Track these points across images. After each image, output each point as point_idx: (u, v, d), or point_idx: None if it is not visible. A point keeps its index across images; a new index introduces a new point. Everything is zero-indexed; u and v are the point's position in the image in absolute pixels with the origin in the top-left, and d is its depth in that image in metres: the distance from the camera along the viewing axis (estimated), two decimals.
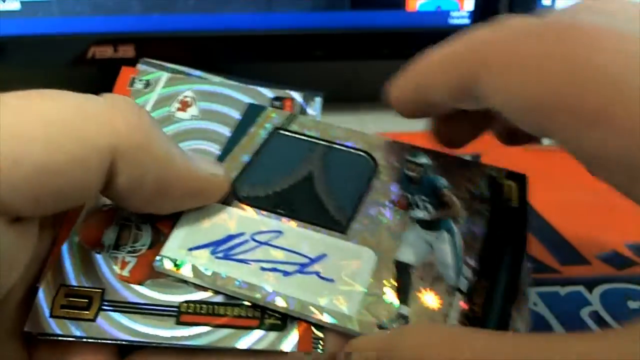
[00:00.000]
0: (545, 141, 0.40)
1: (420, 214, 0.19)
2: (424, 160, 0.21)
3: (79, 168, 0.15)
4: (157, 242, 0.19)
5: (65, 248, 0.18)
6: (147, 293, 0.18)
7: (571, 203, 0.34)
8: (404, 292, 0.18)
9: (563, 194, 0.34)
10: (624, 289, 0.28)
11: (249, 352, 0.17)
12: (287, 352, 0.17)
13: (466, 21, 0.40)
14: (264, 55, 0.41)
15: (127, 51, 0.39)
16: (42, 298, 0.17)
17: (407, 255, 0.18)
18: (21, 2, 0.38)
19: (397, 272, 0.18)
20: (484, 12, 0.40)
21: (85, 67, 0.40)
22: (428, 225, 0.19)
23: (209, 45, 0.40)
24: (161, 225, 0.19)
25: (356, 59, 0.42)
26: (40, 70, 0.41)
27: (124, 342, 0.17)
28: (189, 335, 0.17)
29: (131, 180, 0.17)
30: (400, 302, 0.17)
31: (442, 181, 0.20)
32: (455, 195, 0.20)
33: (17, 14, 0.38)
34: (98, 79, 0.22)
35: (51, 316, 0.17)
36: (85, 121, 0.16)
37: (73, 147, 0.15)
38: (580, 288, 0.28)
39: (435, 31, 0.40)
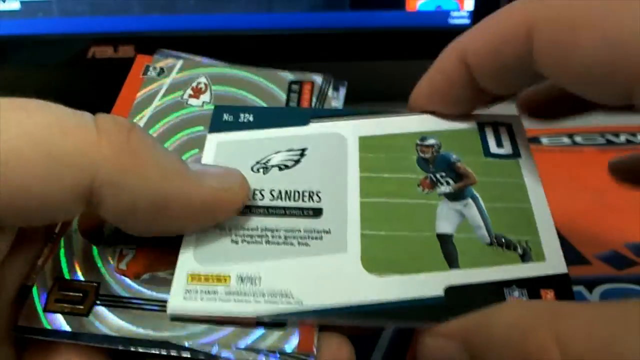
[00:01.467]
0: (545, 140, 0.40)
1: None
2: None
3: (49, 186, 0.14)
4: None
5: (63, 241, 0.19)
6: (143, 289, 0.18)
7: (570, 203, 0.34)
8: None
9: (562, 193, 0.34)
10: (623, 289, 0.28)
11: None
12: (288, 353, 0.17)
13: (466, 21, 0.40)
14: (264, 55, 0.41)
15: (127, 51, 0.39)
16: (37, 292, 0.17)
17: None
18: (21, 2, 0.38)
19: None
20: (483, 12, 0.40)
21: (85, 67, 0.40)
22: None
23: (210, 45, 0.40)
24: None
25: (356, 59, 0.42)
26: (40, 70, 0.41)
27: (112, 347, 0.17)
28: (184, 335, 0.17)
29: (120, 205, 0.16)
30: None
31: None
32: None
33: (17, 14, 0.38)
34: (98, 79, 0.22)
35: (45, 310, 0.17)
36: (64, 137, 0.15)
37: (43, 162, 0.14)
38: (580, 288, 0.28)
39: (435, 31, 0.40)
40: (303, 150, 0.21)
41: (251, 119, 0.22)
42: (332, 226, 0.19)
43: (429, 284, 0.18)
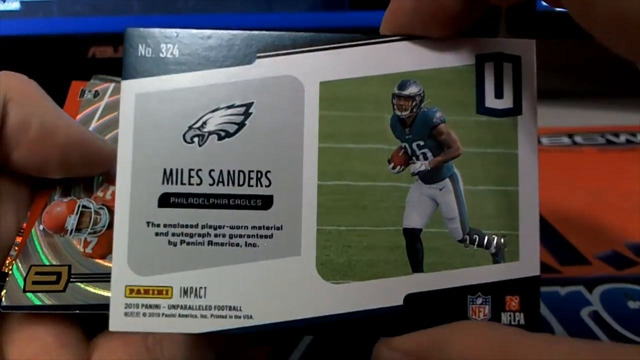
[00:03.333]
0: (545, 140, 0.40)
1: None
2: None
3: None
4: None
5: (32, 234, 0.20)
6: (109, 265, 0.19)
7: (571, 203, 0.34)
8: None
9: (563, 194, 0.34)
10: (623, 288, 0.28)
11: None
12: None
13: None
14: None
15: None
16: (15, 278, 0.19)
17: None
18: (21, 2, 0.38)
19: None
20: None
21: (85, 67, 0.40)
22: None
23: None
24: None
25: None
26: (40, 70, 0.40)
27: (91, 312, 0.19)
28: None
29: (19, 118, 0.19)
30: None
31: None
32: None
33: (16, 14, 0.38)
34: None
35: (24, 291, 0.19)
36: None
37: None
38: (581, 288, 0.28)
39: None
40: (248, 106, 0.17)
41: (178, 53, 0.17)
42: (284, 220, 0.17)
43: (389, 292, 0.17)
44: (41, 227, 0.20)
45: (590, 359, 0.13)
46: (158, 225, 0.17)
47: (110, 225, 0.20)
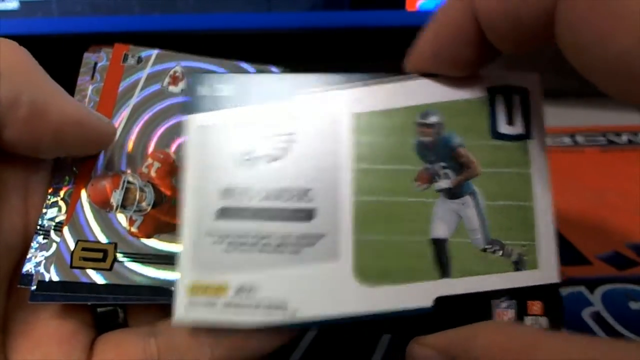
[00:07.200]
0: (546, 140, 0.40)
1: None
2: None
3: None
4: (160, 202, 0.21)
5: (78, 207, 0.20)
6: (156, 245, 0.20)
7: (572, 203, 0.34)
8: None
9: (563, 194, 0.34)
10: (625, 289, 0.28)
11: None
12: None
13: None
14: (264, 55, 0.41)
15: None
16: (63, 251, 0.20)
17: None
18: (20, 2, 0.38)
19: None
20: None
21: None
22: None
23: (209, 45, 0.40)
24: (163, 187, 0.21)
25: (356, 59, 0.41)
26: None
27: (138, 301, 0.20)
28: None
29: (8, 95, 0.17)
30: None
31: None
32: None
33: (15, 14, 0.38)
34: None
35: (72, 267, 0.20)
36: None
37: None
38: (582, 288, 0.28)
39: None
40: (291, 135, 0.20)
41: (232, 92, 0.21)
42: (324, 230, 0.19)
43: (420, 294, 0.19)
44: (87, 200, 0.20)
45: (606, 355, 0.14)
46: (218, 235, 0.19)
47: (156, 204, 0.21)
